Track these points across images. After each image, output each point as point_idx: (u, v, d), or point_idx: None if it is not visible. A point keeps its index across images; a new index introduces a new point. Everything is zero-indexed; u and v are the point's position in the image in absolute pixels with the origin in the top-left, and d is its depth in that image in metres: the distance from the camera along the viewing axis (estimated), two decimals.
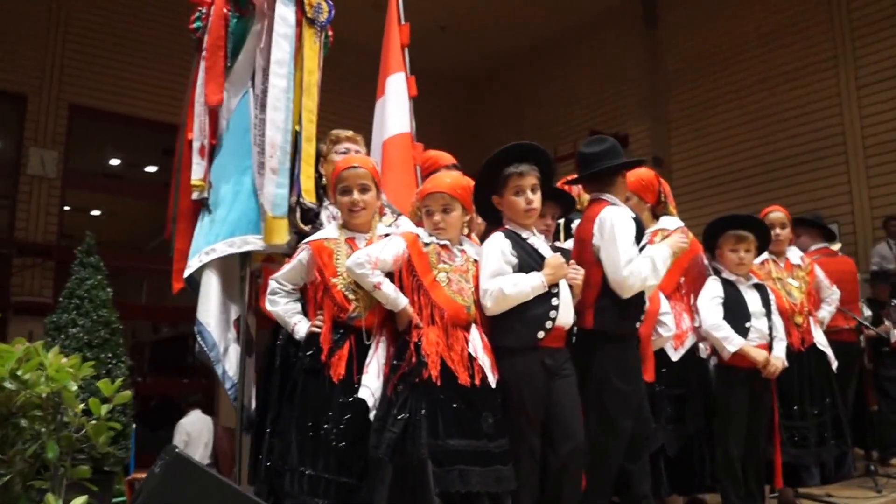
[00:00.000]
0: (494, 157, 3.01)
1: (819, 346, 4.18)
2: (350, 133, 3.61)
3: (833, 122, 9.81)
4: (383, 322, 2.86)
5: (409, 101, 4.21)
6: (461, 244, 2.99)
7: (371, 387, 2.72)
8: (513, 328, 2.85)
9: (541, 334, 2.83)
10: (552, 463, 2.84)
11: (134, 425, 4.50)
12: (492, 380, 2.76)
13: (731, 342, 3.56)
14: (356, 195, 2.96)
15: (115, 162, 12.02)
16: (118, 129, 10.48)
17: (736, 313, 3.66)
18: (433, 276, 2.82)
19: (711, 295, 3.70)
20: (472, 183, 3.05)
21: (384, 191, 3.30)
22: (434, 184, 3.00)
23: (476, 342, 2.79)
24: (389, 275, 2.82)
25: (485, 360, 2.77)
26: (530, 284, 2.83)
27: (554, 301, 2.87)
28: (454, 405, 2.66)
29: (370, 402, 2.71)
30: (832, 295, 4.59)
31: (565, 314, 2.91)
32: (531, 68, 13.55)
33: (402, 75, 4.21)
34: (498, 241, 2.94)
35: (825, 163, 9.82)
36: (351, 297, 2.84)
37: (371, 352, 2.79)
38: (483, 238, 3.10)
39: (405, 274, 2.82)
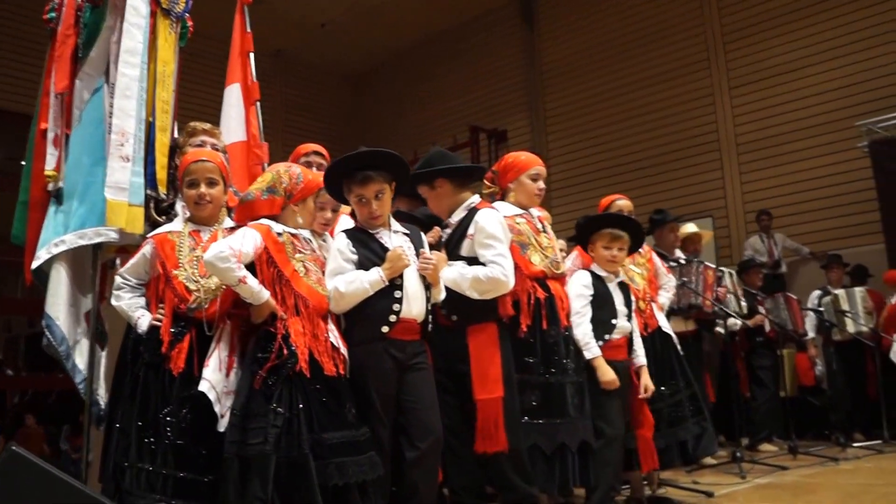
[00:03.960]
0: (330, 168, 3.04)
1: (664, 329, 4.29)
2: (208, 126, 3.58)
3: (707, 120, 10.28)
4: (225, 313, 2.83)
5: (247, 106, 4.32)
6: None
7: (212, 379, 2.70)
8: (357, 323, 2.88)
9: (385, 328, 2.86)
10: (409, 456, 2.84)
11: None
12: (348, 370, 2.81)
13: (591, 349, 3.58)
14: (203, 188, 2.95)
15: None
16: None
17: (604, 310, 3.72)
18: (293, 267, 2.81)
19: (580, 289, 3.72)
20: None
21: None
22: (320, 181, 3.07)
23: (334, 332, 2.82)
24: (248, 267, 2.78)
25: (344, 350, 2.81)
26: (368, 280, 2.85)
27: (397, 294, 2.89)
28: (323, 397, 2.67)
29: (211, 396, 2.68)
30: (669, 282, 4.76)
31: (412, 306, 2.93)
32: (413, 65, 13.76)
33: (238, 86, 4.33)
34: (338, 240, 2.98)
35: (700, 159, 10.28)
36: (192, 287, 2.83)
37: (213, 344, 2.77)
38: None
39: (265, 266, 2.78)
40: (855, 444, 6.65)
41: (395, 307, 2.88)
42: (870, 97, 9.04)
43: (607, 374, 3.54)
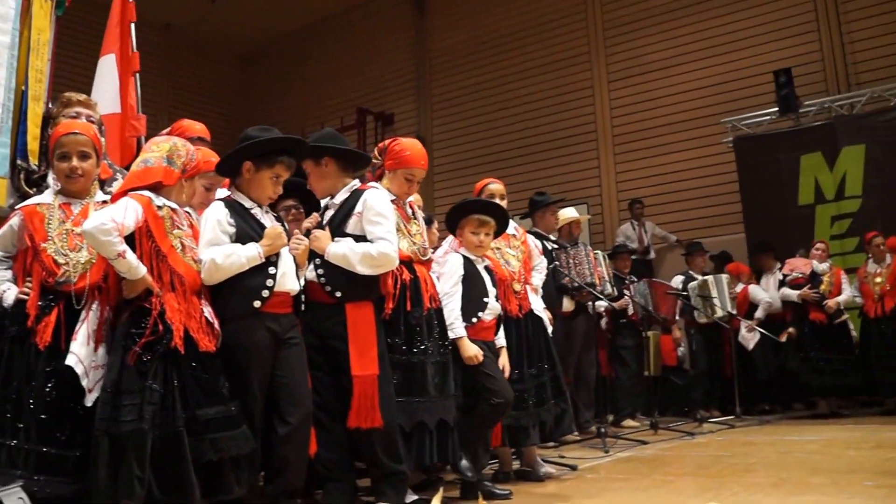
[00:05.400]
0: (277, 139, 3.07)
1: (536, 311, 4.39)
2: (83, 97, 3.49)
3: (586, 111, 10.68)
4: (94, 287, 2.80)
5: (125, 77, 4.27)
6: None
7: (79, 353, 2.67)
8: (229, 297, 2.89)
9: (257, 303, 2.89)
10: (280, 431, 2.90)
11: None
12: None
13: (455, 330, 3.67)
14: (75, 162, 2.89)
15: None
16: None
17: (477, 289, 3.84)
18: (170, 243, 2.78)
19: (451, 270, 3.83)
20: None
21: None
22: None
23: (208, 308, 2.83)
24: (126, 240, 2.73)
25: (218, 326, 2.82)
26: (246, 255, 2.87)
27: (271, 270, 2.93)
28: (198, 373, 2.68)
29: (78, 370, 2.65)
30: (542, 263, 4.96)
31: (286, 282, 2.99)
32: (303, 45, 13.70)
33: (113, 57, 4.27)
34: (216, 210, 2.97)
35: (578, 149, 10.68)
36: (60, 261, 2.78)
37: (81, 317, 2.74)
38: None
39: (144, 239, 2.72)
40: (711, 420, 7.10)
41: (269, 283, 2.92)
42: (735, 96, 9.65)
43: (469, 350, 3.66)
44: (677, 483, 3.94)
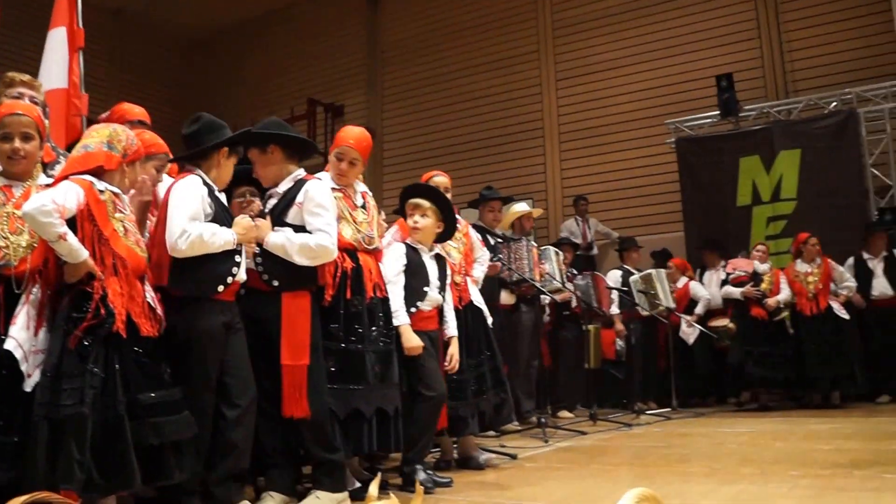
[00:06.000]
0: (244, 132, 3.22)
1: (475, 303, 4.47)
2: (27, 77, 3.45)
3: (533, 109, 10.84)
4: (35, 271, 2.75)
5: (70, 53, 4.16)
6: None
7: (18, 338, 2.62)
8: (194, 278, 2.91)
9: (220, 287, 2.94)
10: (230, 415, 2.93)
11: None
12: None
13: (398, 317, 3.70)
14: (17, 143, 2.83)
15: None
16: None
17: (417, 277, 3.89)
18: (112, 226, 2.76)
19: (394, 259, 3.87)
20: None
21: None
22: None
23: (150, 292, 2.82)
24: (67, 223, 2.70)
25: (160, 311, 2.82)
26: (224, 238, 2.94)
27: (237, 258, 3.01)
28: (140, 358, 2.67)
29: (17, 354, 2.60)
30: (483, 255, 5.04)
31: (243, 271, 3.06)
32: (255, 35, 13.63)
33: (63, 30, 4.19)
34: (197, 185, 3.01)
35: (525, 145, 10.83)
36: (0, 244, 2.73)
37: (21, 301, 2.69)
38: None
39: (86, 222, 2.69)
40: (648, 412, 7.27)
41: (234, 270, 2.98)
42: (679, 98, 9.90)
43: (410, 341, 3.71)
44: (614, 472, 4.03)
